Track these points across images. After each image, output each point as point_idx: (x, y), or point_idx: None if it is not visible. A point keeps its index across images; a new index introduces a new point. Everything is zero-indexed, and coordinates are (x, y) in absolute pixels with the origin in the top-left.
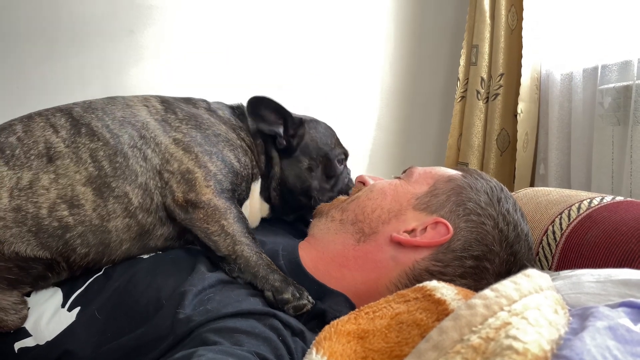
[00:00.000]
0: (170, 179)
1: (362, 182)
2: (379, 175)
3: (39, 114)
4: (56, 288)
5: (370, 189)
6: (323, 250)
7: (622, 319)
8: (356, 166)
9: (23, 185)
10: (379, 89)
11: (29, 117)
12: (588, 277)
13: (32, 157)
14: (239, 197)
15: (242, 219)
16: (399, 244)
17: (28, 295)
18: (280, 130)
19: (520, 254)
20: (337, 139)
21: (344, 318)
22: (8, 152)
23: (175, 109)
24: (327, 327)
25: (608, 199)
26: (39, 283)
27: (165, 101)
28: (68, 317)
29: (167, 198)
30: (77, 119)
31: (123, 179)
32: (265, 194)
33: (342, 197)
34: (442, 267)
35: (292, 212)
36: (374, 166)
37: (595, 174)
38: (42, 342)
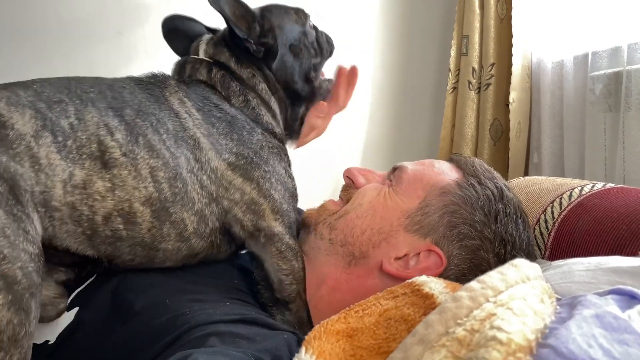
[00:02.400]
0: (233, 208)
1: (350, 178)
2: (373, 168)
3: (91, 101)
4: None
5: (359, 202)
6: (316, 274)
7: (610, 306)
8: (350, 161)
9: (76, 182)
10: (370, 83)
11: (82, 101)
12: (578, 266)
13: (85, 156)
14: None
15: (304, 266)
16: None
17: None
18: (244, 30)
19: None
20: (291, 7)
21: (334, 317)
22: (60, 139)
23: (210, 117)
24: (317, 327)
25: (599, 186)
26: (74, 269)
27: (197, 107)
28: (67, 318)
29: (234, 226)
30: (130, 125)
31: (181, 205)
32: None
33: (330, 208)
34: None
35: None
36: (367, 160)
37: (589, 161)
38: (39, 341)
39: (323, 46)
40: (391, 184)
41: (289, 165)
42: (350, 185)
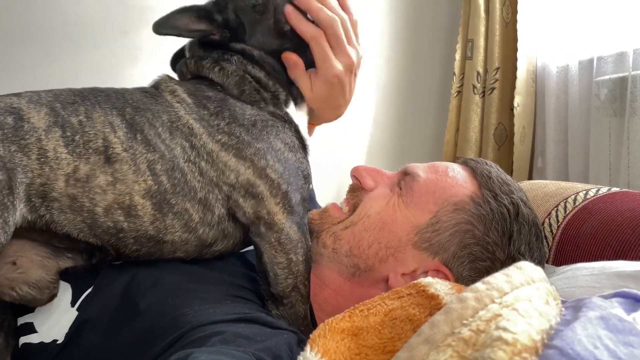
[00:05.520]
0: (232, 193)
1: (357, 178)
2: (377, 167)
3: (99, 103)
4: (66, 284)
5: (367, 213)
6: (319, 275)
7: (615, 308)
8: (353, 163)
9: (80, 176)
10: (374, 86)
11: (91, 102)
12: (582, 271)
13: (90, 151)
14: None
15: (310, 257)
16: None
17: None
18: (209, 27)
19: None
20: None
21: (339, 316)
22: (69, 133)
23: (201, 99)
24: (321, 325)
25: (604, 190)
26: (83, 257)
27: (189, 92)
28: (76, 317)
29: (237, 212)
30: (131, 124)
31: (182, 195)
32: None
33: (333, 215)
34: None
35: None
36: (371, 163)
37: (593, 166)
38: (47, 340)
39: None
40: (401, 194)
41: (297, 135)
42: (358, 186)
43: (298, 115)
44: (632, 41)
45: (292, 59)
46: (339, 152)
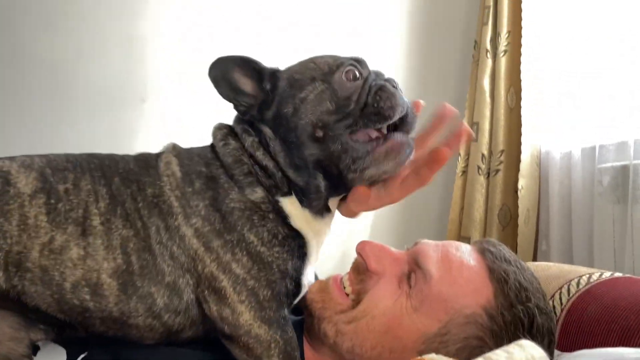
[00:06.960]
0: (200, 283)
1: (362, 257)
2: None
3: (90, 171)
4: (61, 349)
5: (372, 314)
6: (320, 357)
7: None
8: (359, 238)
9: (55, 247)
10: None
11: (82, 169)
12: (583, 358)
13: (70, 220)
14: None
15: (289, 352)
16: None
17: (35, 344)
18: (251, 98)
19: None
20: (333, 59)
21: None
22: (53, 201)
23: (190, 174)
24: None
25: (607, 274)
26: (54, 330)
27: (181, 164)
28: None
29: (203, 304)
30: (115, 195)
31: (149, 278)
32: (306, 201)
33: (336, 299)
34: None
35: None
36: (375, 240)
37: (597, 251)
38: None
39: (360, 102)
40: (410, 295)
41: (286, 225)
42: (363, 266)
43: (304, 210)
44: (633, 131)
45: (367, 195)
46: (344, 228)
